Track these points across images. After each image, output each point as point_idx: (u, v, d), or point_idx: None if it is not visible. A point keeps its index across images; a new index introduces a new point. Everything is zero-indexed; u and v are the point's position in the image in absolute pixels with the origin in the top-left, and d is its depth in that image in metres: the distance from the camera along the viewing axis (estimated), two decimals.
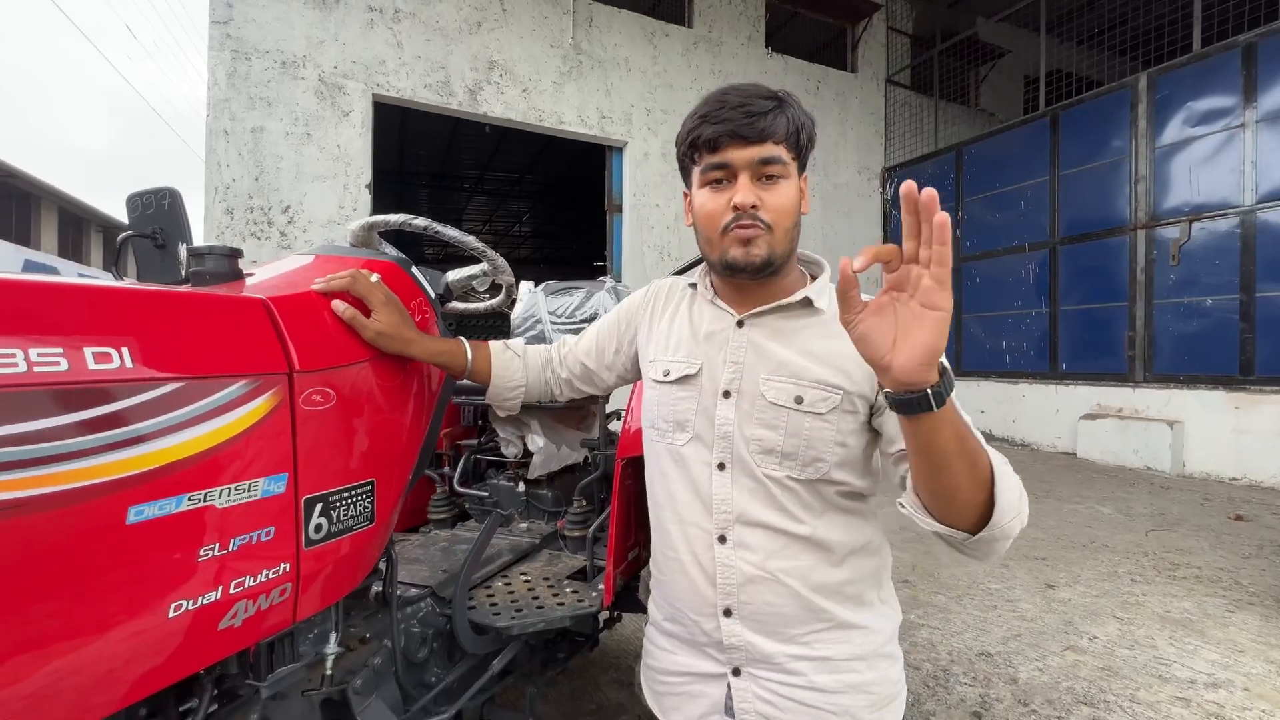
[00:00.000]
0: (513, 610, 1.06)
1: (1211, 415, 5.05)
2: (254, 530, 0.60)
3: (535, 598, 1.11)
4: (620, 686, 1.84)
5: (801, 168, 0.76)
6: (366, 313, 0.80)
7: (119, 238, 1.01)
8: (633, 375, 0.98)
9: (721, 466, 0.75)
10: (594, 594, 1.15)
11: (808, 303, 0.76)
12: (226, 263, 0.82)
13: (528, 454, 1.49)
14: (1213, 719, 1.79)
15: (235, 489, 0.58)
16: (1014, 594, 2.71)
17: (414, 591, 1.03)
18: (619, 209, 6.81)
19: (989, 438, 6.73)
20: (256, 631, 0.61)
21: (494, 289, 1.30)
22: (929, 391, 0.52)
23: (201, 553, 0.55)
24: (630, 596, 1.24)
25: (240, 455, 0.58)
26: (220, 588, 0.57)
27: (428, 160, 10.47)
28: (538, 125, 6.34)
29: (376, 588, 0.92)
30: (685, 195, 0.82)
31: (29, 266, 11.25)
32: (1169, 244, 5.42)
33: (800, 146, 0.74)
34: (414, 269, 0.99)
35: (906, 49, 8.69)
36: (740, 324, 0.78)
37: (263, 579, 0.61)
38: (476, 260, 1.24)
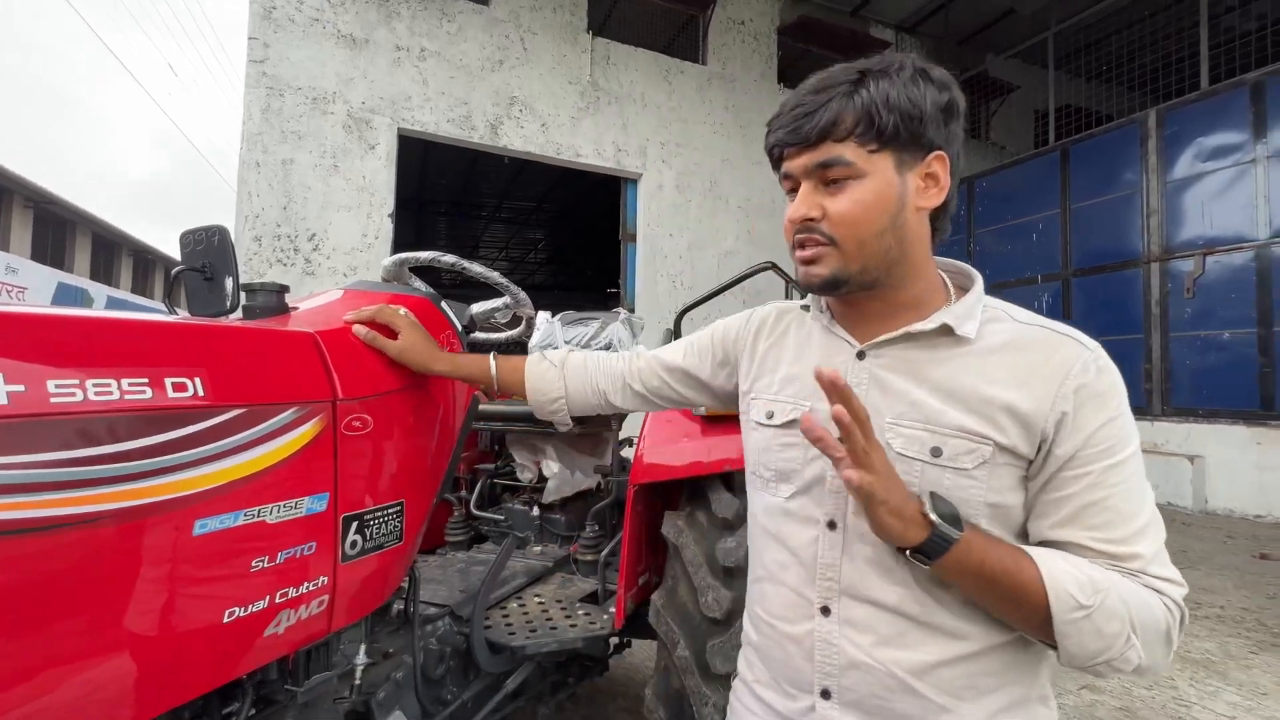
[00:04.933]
0: (527, 631, 1.10)
1: (1233, 451, 4.96)
2: (298, 545, 0.65)
3: (549, 619, 1.15)
4: (629, 714, 1.85)
5: (906, 153, 0.60)
6: (393, 337, 0.83)
7: (173, 271, 1.09)
8: (728, 404, 0.84)
9: (832, 525, 0.63)
10: (605, 617, 1.19)
11: (946, 330, 0.61)
12: (275, 298, 0.89)
13: (543, 479, 1.54)
14: None
15: (284, 506, 0.63)
16: None
17: (433, 610, 1.08)
18: (633, 238, 6.94)
19: None
20: (297, 639, 0.67)
21: (514, 320, 1.37)
22: (906, 552, 0.54)
23: (253, 564, 0.61)
24: (640, 621, 1.27)
25: (290, 475, 0.64)
26: (268, 597, 0.62)
27: (447, 189, 10.76)
28: (555, 158, 6.53)
29: (399, 605, 0.97)
30: None
31: (62, 289, 11.65)
32: (1183, 277, 5.41)
33: (884, 130, 0.59)
34: (443, 304, 1.06)
35: None
36: (861, 355, 0.65)
37: (304, 590, 0.66)
38: (498, 293, 1.31)
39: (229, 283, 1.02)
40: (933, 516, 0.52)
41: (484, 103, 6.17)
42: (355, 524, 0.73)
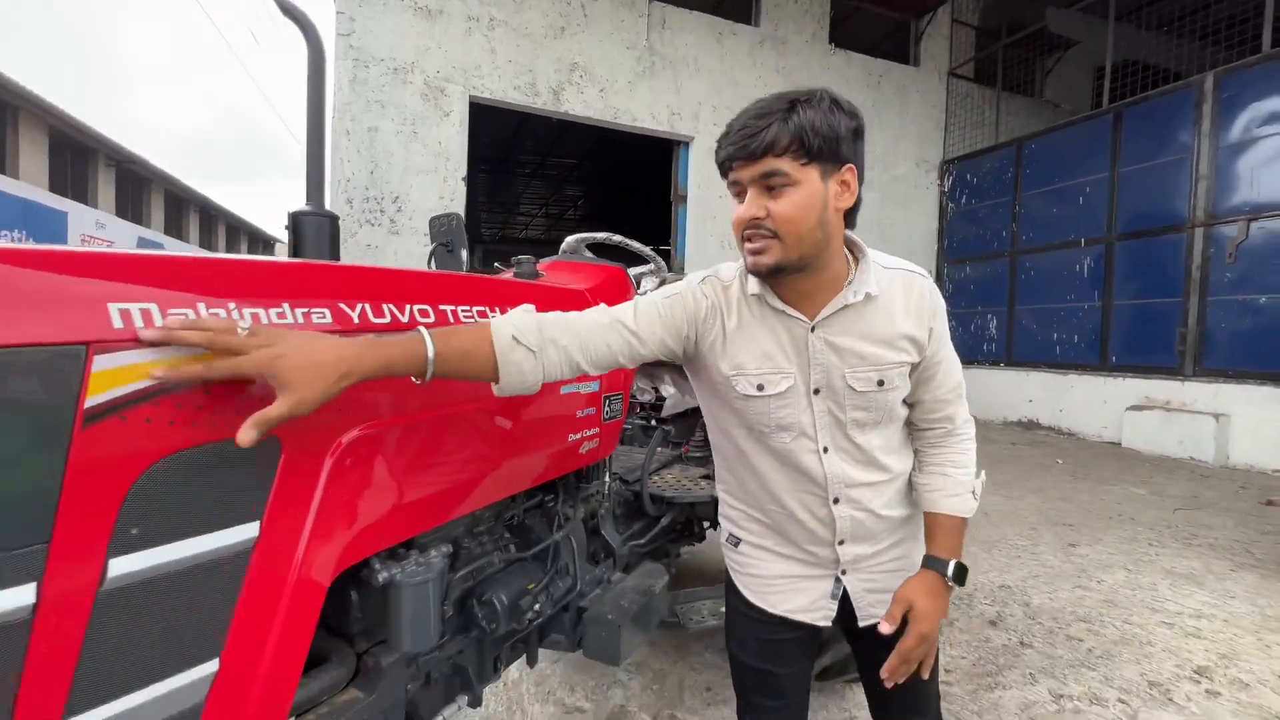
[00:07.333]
0: (673, 489, 1.64)
1: (1259, 409, 5.21)
2: (590, 406, 1.18)
3: (684, 484, 1.69)
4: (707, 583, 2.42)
5: (827, 165, 0.78)
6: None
7: (431, 248, 1.61)
8: (652, 358, 0.90)
9: (826, 450, 0.88)
10: None
11: (868, 297, 0.84)
12: (533, 268, 1.40)
13: (660, 399, 2.06)
14: (1189, 636, 2.23)
15: (586, 385, 1.16)
16: (1038, 549, 3.15)
17: (608, 475, 1.62)
18: (684, 200, 7.29)
19: (1035, 425, 6.98)
20: (589, 457, 1.20)
21: (661, 284, 1.87)
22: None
23: (578, 412, 1.14)
24: None
25: None
26: (582, 431, 1.15)
27: (490, 147, 11.07)
28: (613, 122, 6.87)
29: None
30: None
31: (142, 243, 12.61)
32: (1226, 242, 5.54)
33: (812, 148, 0.75)
34: (629, 272, 1.56)
35: (971, 41, 8.75)
36: (813, 329, 0.85)
37: (592, 432, 1.19)
38: (643, 260, 1.81)
39: (463, 253, 1.54)
40: (953, 585, 0.87)
41: (547, 69, 6.51)
42: (606, 400, 1.25)
